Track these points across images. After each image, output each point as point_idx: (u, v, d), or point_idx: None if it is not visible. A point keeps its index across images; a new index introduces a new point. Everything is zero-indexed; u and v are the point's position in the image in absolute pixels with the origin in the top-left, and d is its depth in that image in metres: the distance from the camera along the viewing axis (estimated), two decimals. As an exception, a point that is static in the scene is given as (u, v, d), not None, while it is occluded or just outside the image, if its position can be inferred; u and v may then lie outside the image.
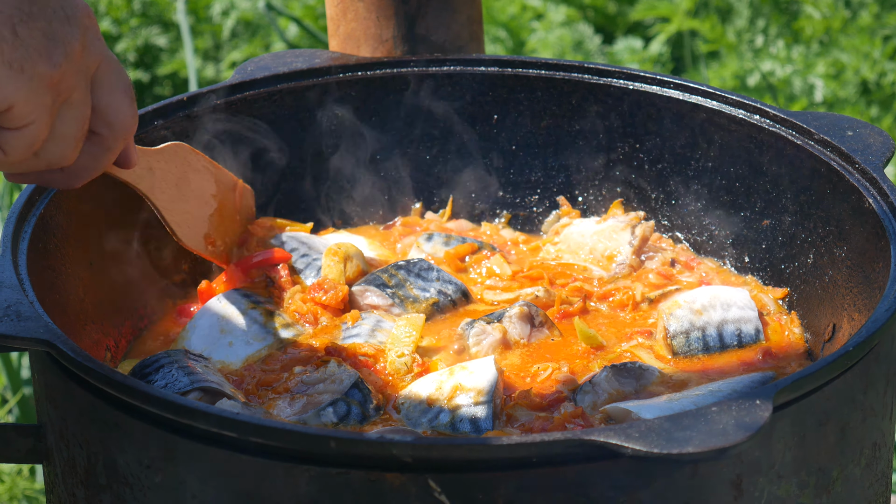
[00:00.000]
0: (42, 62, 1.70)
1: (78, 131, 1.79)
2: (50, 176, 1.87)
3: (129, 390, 1.73)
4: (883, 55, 4.74)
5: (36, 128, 1.73)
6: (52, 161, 1.80)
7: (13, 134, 1.73)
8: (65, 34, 1.73)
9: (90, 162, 1.87)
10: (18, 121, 1.72)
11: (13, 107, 1.70)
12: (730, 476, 1.73)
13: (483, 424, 2.00)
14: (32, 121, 1.72)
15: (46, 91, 1.72)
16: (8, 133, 1.73)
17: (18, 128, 1.72)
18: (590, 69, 2.50)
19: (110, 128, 1.85)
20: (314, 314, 2.25)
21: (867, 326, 1.83)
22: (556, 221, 2.54)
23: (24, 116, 1.71)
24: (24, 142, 1.74)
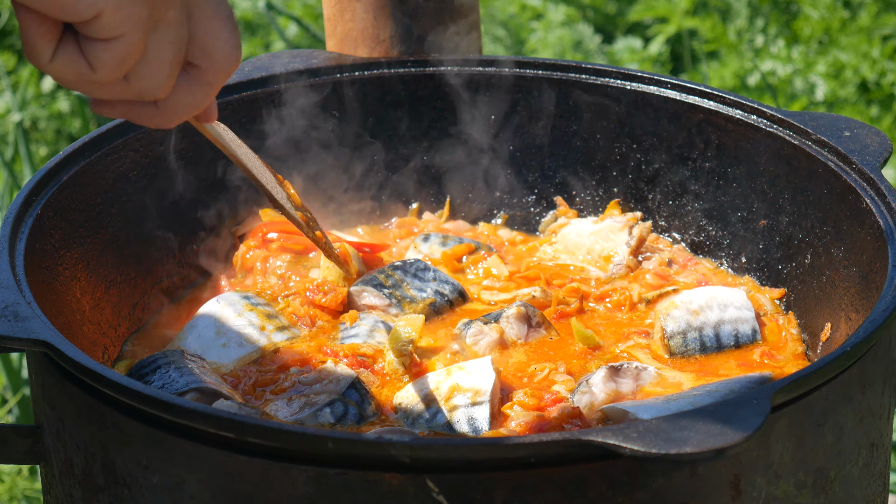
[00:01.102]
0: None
1: (174, 56, 1.59)
2: (141, 110, 1.66)
3: (126, 391, 1.73)
4: (882, 55, 4.74)
5: (127, 42, 1.54)
6: (144, 89, 1.60)
7: (102, 46, 1.54)
8: None
9: (186, 97, 1.65)
10: (108, 30, 1.53)
11: (102, 13, 1.51)
12: (728, 476, 1.73)
13: (480, 425, 2.00)
14: (123, 33, 1.53)
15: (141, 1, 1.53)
16: (96, 45, 1.54)
17: (107, 39, 1.54)
18: (587, 69, 2.51)
19: (209, 59, 1.64)
20: (311, 317, 2.25)
21: (864, 327, 1.83)
22: (553, 222, 2.54)
23: (114, 26, 1.52)
24: (113, 56, 1.55)
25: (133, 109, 1.66)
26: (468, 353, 2.18)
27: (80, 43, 1.55)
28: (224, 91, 2.44)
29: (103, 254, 2.25)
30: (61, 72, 1.57)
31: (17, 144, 4.06)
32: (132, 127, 2.33)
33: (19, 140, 3.98)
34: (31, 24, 1.54)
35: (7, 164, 3.92)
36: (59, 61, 1.56)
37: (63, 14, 1.51)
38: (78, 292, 2.17)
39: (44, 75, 5.08)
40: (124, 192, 2.30)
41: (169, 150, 2.37)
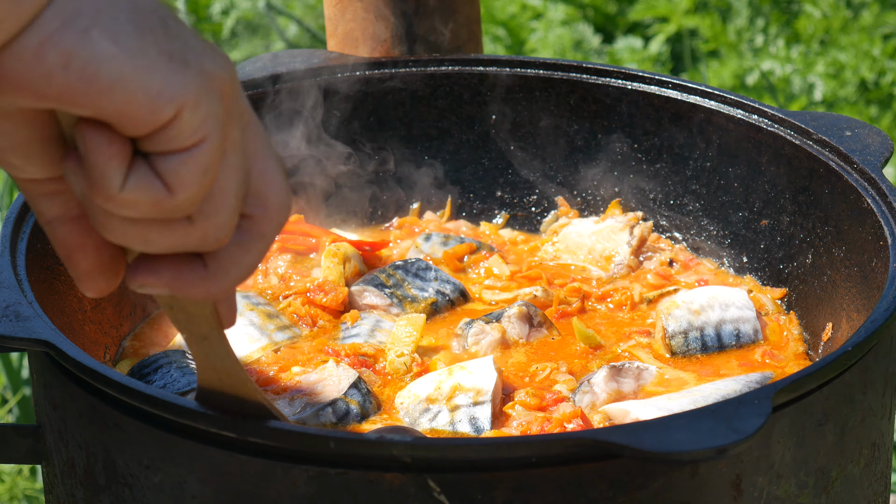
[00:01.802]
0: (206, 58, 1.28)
1: (238, 188, 1.33)
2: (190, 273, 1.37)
3: (128, 391, 1.73)
4: (882, 54, 4.74)
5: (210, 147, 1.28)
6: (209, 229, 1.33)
7: (180, 159, 1.28)
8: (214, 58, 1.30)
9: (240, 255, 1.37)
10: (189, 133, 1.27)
11: (183, 109, 1.26)
12: (729, 476, 1.73)
13: (482, 424, 2.00)
14: (204, 136, 1.28)
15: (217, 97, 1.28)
16: (174, 159, 1.28)
17: (187, 148, 1.28)
18: (588, 69, 2.51)
19: (264, 206, 1.37)
20: (312, 316, 2.25)
21: (866, 326, 1.83)
22: (554, 221, 2.54)
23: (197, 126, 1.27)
24: (194, 169, 1.28)
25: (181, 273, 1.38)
26: (469, 352, 2.18)
27: (154, 164, 1.29)
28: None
29: (104, 253, 2.25)
30: (134, 199, 1.29)
31: (18, 144, 4.05)
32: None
33: (19, 140, 3.97)
34: (99, 146, 1.27)
35: (7, 163, 3.91)
36: (131, 187, 1.28)
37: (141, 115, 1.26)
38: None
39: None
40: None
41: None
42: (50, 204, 1.36)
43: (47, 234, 1.36)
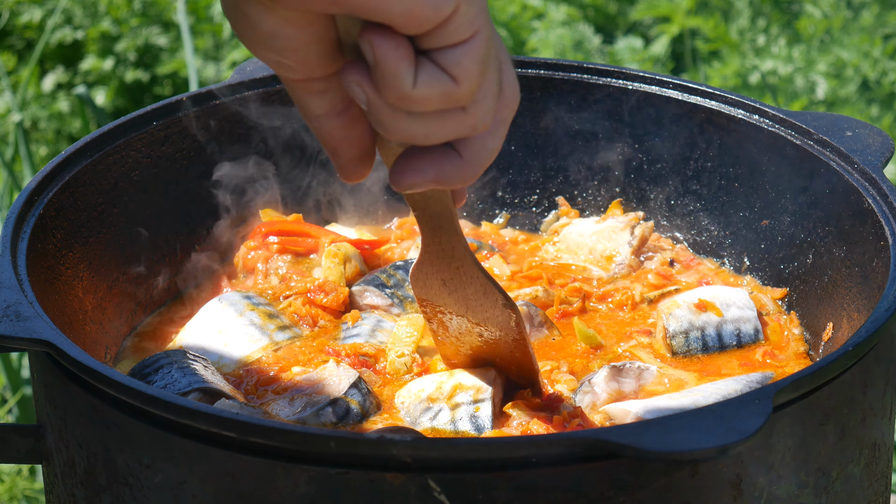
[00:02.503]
0: None
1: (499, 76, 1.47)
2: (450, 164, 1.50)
3: (128, 391, 1.73)
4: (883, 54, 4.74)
5: (483, 37, 1.40)
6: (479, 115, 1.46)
7: (462, 51, 1.40)
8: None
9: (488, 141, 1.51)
10: (465, 27, 1.39)
11: (460, 5, 1.38)
12: (729, 476, 1.73)
13: (483, 424, 2.00)
14: (479, 27, 1.40)
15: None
16: (455, 52, 1.40)
17: (466, 40, 1.40)
18: (589, 69, 2.51)
19: (503, 96, 1.51)
20: (313, 316, 2.25)
21: (866, 326, 1.83)
22: (555, 221, 2.54)
23: (472, 19, 1.39)
24: (475, 58, 1.41)
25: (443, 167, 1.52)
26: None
27: (436, 59, 1.42)
28: (228, 90, 2.44)
29: (105, 253, 2.25)
30: (426, 95, 1.43)
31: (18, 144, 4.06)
32: (133, 126, 2.33)
33: (19, 140, 3.98)
34: (389, 51, 1.40)
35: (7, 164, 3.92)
36: (421, 83, 1.43)
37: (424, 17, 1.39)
38: (80, 292, 2.17)
39: (44, 75, 5.09)
40: (126, 192, 2.30)
41: (171, 150, 2.37)
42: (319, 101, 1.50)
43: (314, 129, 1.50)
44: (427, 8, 1.37)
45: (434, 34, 1.40)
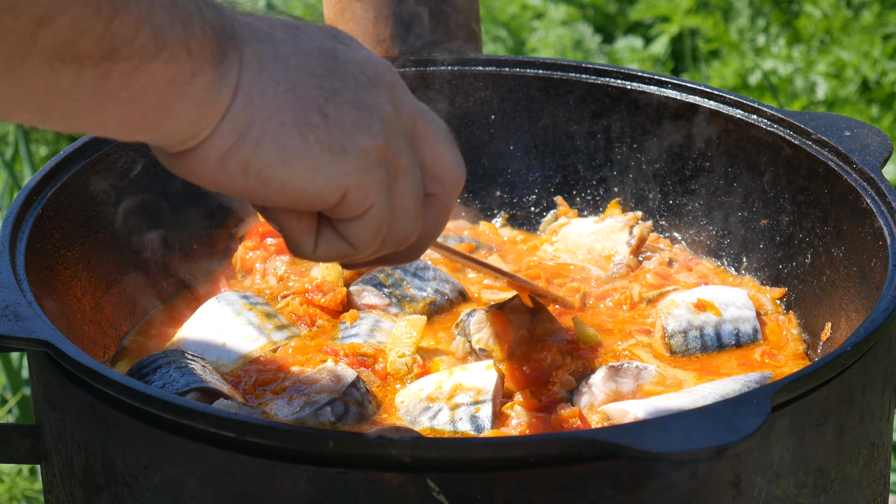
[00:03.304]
0: (362, 136, 1.53)
1: (416, 199, 1.61)
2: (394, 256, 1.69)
3: (127, 391, 1.73)
4: (883, 54, 4.74)
5: (377, 210, 1.56)
6: (398, 241, 1.62)
7: (357, 223, 1.57)
8: (374, 99, 1.56)
9: (430, 228, 1.67)
10: (358, 206, 1.55)
11: (348, 192, 1.53)
12: (728, 476, 1.73)
13: (482, 423, 2.00)
14: (372, 203, 1.56)
15: (377, 166, 1.55)
16: (351, 224, 1.57)
17: (360, 215, 1.57)
18: (587, 69, 2.51)
19: (443, 183, 1.65)
20: (311, 316, 2.25)
21: (865, 326, 1.83)
22: (553, 221, 2.54)
23: (362, 201, 1.55)
24: (369, 229, 1.58)
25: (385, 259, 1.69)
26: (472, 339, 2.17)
27: (336, 226, 1.59)
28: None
29: (104, 253, 2.25)
30: (326, 257, 1.62)
31: (17, 144, 4.06)
32: (133, 127, 2.32)
33: (19, 140, 3.98)
34: (291, 224, 1.59)
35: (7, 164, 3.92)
36: (321, 249, 1.61)
37: (314, 204, 1.54)
38: (79, 292, 2.17)
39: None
40: (125, 192, 2.30)
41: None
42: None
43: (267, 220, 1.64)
44: (313, 200, 1.53)
45: (331, 212, 1.56)
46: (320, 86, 1.53)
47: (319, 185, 1.52)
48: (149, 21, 1.38)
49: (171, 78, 1.42)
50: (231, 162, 1.49)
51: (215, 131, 1.48)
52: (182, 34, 1.41)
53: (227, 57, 1.46)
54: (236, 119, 1.48)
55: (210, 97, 1.46)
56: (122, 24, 1.36)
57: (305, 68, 1.52)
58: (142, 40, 1.38)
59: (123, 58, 1.38)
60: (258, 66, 1.49)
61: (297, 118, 1.50)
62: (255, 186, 1.51)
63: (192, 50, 1.43)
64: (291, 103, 1.50)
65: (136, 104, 1.42)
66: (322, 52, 1.55)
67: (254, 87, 1.49)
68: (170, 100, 1.43)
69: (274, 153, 1.49)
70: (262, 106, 1.49)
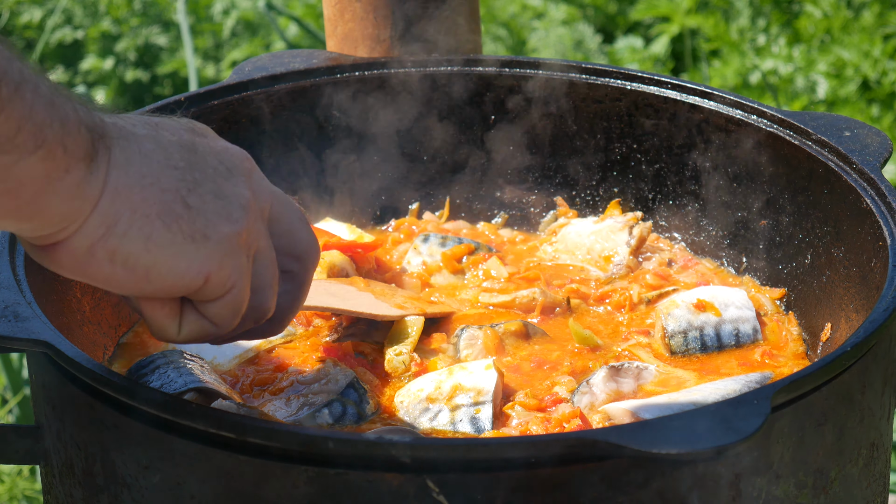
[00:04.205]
0: (222, 223, 1.65)
1: (272, 277, 1.74)
2: (256, 330, 1.82)
3: (126, 391, 1.73)
4: (883, 54, 4.74)
5: (238, 289, 1.69)
6: (257, 316, 1.76)
7: (219, 304, 1.69)
8: (233, 187, 1.68)
9: (288, 302, 1.81)
10: (219, 289, 1.67)
11: (209, 276, 1.65)
12: (728, 476, 1.72)
13: (483, 424, 2.00)
14: (233, 284, 1.68)
15: (237, 250, 1.67)
16: (213, 304, 1.69)
17: (222, 296, 1.69)
18: (587, 69, 2.50)
19: (299, 260, 1.80)
20: (307, 316, 2.25)
21: (865, 327, 1.83)
22: (553, 221, 2.54)
23: (223, 283, 1.67)
24: (230, 308, 1.70)
25: (248, 333, 1.81)
26: (461, 356, 2.17)
27: (198, 307, 1.70)
28: (226, 91, 2.45)
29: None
30: (189, 338, 1.73)
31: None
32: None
33: (20, 140, 3.97)
34: (155, 310, 1.70)
35: (7, 163, 3.91)
36: (185, 330, 1.72)
37: (178, 289, 1.65)
38: (78, 292, 2.17)
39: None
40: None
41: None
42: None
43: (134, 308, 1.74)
44: (175, 285, 1.64)
45: (194, 296, 1.68)
46: (183, 178, 1.63)
47: (182, 271, 1.63)
48: (31, 119, 1.47)
49: (47, 174, 1.51)
50: (99, 252, 1.59)
51: (84, 224, 1.57)
52: (59, 133, 1.51)
53: (98, 155, 1.56)
54: (104, 212, 1.58)
55: (81, 192, 1.55)
56: (6, 120, 1.45)
57: (168, 162, 1.63)
58: (22, 137, 1.47)
59: (3, 152, 1.46)
60: (125, 163, 1.59)
61: (161, 210, 1.61)
62: (121, 274, 1.61)
63: (68, 148, 1.52)
64: (156, 196, 1.61)
65: (11, 196, 1.50)
66: (182, 146, 1.66)
67: (121, 182, 1.58)
68: (44, 194, 1.52)
69: (139, 243, 1.60)
70: (129, 200, 1.59)
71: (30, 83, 1.48)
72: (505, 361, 2.16)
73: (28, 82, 1.48)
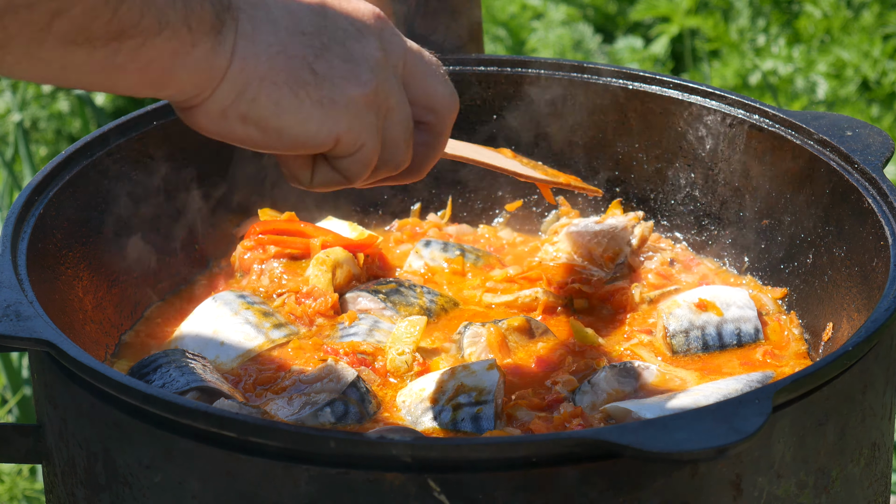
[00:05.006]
0: (350, 86, 1.71)
1: (405, 132, 1.79)
2: (393, 178, 1.88)
3: (128, 390, 1.73)
4: (883, 54, 4.74)
5: (368, 147, 1.75)
6: (390, 168, 1.81)
7: (349, 160, 1.76)
8: (363, 49, 1.72)
9: (426, 151, 1.86)
10: (349, 148, 1.74)
11: (339, 138, 1.72)
12: (729, 476, 1.73)
13: (485, 424, 2.00)
14: (362, 143, 1.74)
15: (366, 111, 1.72)
16: (343, 161, 1.76)
17: (352, 154, 1.75)
18: (588, 69, 2.50)
19: (435, 113, 1.84)
20: (309, 315, 2.25)
21: (866, 326, 1.83)
22: (555, 221, 2.54)
23: (354, 142, 1.73)
24: (360, 164, 1.76)
25: (385, 181, 1.87)
26: (465, 354, 2.17)
27: (330, 161, 1.77)
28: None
29: (105, 253, 2.25)
30: (321, 187, 1.81)
31: (17, 144, 4.06)
32: (133, 127, 2.33)
33: (19, 140, 3.98)
34: (289, 161, 1.79)
35: (7, 164, 3.92)
36: (317, 181, 1.80)
37: (310, 149, 1.72)
38: (80, 291, 2.17)
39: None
40: (126, 192, 2.30)
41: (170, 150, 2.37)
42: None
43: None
44: (307, 145, 1.72)
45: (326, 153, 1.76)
46: (311, 44, 1.69)
47: (311, 133, 1.70)
48: (153, 4, 1.55)
49: (174, 51, 1.59)
50: (231, 115, 1.67)
51: (215, 91, 1.65)
52: (182, 12, 1.58)
53: (224, 26, 1.62)
54: (234, 80, 1.65)
55: (209, 64, 1.62)
56: (129, 9, 1.53)
57: (296, 27, 1.68)
58: (146, 22, 1.54)
59: (130, 37, 1.54)
60: (252, 32, 1.65)
61: (288, 77, 1.67)
62: (255, 134, 1.69)
63: (192, 26, 1.59)
64: (283, 63, 1.67)
65: (142, 73, 1.59)
66: (311, 10, 1.70)
67: (248, 51, 1.65)
68: (173, 69, 1.60)
69: (269, 108, 1.67)
70: (257, 68, 1.65)
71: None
72: (507, 361, 2.17)
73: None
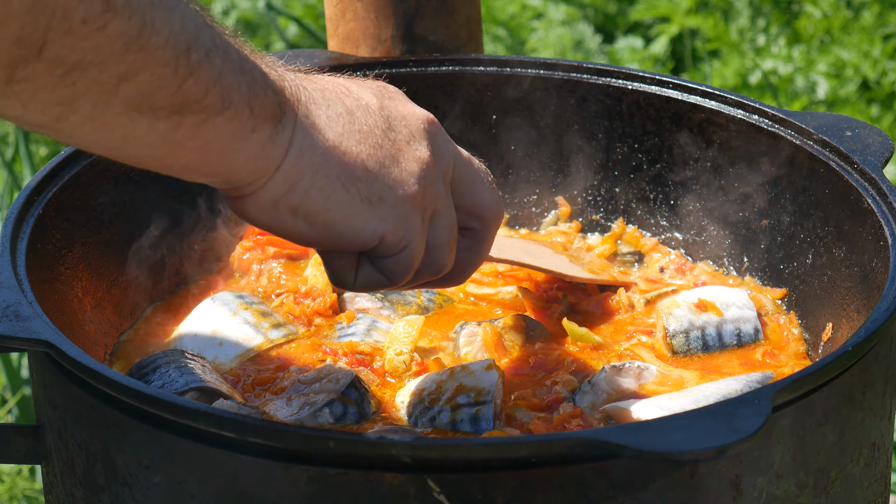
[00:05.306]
0: (399, 186, 1.74)
1: (450, 236, 1.82)
2: (435, 282, 1.90)
3: (127, 390, 1.73)
4: (883, 54, 4.74)
5: (412, 249, 1.78)
6: (432, 272, 1.84)
7: (393, 260, 1.78)
8: (414, 151, 1.77)
9: (469, 257, 1.90)
10: (393, 248, 1.76)
11: (384, 236, 1.74)
12: (729, 476, 1.73)
13: (484, 424, 2.00)
14: (406, 244, 1.77)
15: (412, 212, 1.75)
16: (387, 260, 1.78)
17: (396, 254, 1.77)
18: (588, 69, 2.50)
19: (481, 220, 1.88)
20: (307, 315, 2.25)
21: (866, 326, 1.83)
22: (554, 222, 2.54)
23: (397, 243, 1.76)
24: (404, 265, 1.79)
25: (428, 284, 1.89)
26: (461, 353, 2.17)
27: (373, 261, 1.80)
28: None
29: (105, 253, 2.25)
30: (364, 287, 1.83)
31: (18, 144, 4.06)
32: (133, 126, 2.33)
33: (19, 140, 3.98)
34: (334, 261, 1.81)
35: (7, 164, 3.92)
36: (360, 281, 1.82)
37: (355, 246, 1.75)
38: (80, 292, 2.17)
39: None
40: (126, 192, 2.30)
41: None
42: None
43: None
44: (353, 243, 1.74)
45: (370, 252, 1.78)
46: (365, 142, 1.72)
47: (358, 230, 1.73)
48: (218, 83, 1.56)
49: (233, 133, 1.60)
50: (282, 206, 1.69)
51: (270, 181, 1.67)
52: (246, 95, 1.60)
53: (284, 116, 1.65)
54: (288, 171, 1.67)
55: (266, 152, 1.64)
56: (196, 83, 1.54)
57: (352, 126, 1.72)
58: (210, 99, 1.56)
59: (192, 112, 1.55)
60: (310, 124, 1.69)
61: (341, 173, 1.70)
62: (303, 228, 1.71)
63: (254, 109, 1.61)
64: (338, 159, 1.70)
65: (200, 153, 1.60)
66: (368, 110, 1.75)
67: (305, 144, 1.68)
68: (231, 151, 1.62)
69: (320, 202, 1.70)
70: (312, 161, 1.68)
71: (220, 49, 1.57)
72: (504, 361, 2.17)
73: (218, 48, 1.56)
